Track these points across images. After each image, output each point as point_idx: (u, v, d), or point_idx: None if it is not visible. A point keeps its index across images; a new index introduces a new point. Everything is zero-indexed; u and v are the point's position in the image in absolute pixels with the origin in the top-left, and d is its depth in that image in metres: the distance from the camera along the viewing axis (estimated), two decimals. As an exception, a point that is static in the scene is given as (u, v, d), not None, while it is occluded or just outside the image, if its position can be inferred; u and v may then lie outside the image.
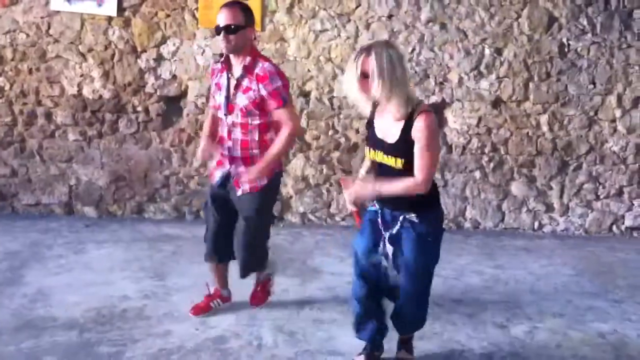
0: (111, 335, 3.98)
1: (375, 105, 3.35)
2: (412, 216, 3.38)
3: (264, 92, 3.87)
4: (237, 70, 3.96)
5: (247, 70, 3.91)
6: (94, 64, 6.22)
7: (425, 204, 3.39)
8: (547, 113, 6.51)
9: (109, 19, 6.16)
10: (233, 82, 3.97)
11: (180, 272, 5.07)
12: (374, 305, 3.66)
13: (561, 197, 6.65)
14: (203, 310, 4.34)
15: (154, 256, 5.39)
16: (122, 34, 6.20)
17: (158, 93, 6.31)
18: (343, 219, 6.50)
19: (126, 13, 6.17)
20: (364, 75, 3.17)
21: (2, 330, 3.97)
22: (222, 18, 3.85)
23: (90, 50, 6.21)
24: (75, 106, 6.27)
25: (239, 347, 3.93)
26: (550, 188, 6.64)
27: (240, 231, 4.12)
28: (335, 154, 6.47)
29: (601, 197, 6.66)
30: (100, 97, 6.27)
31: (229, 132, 4.02)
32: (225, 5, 3.91)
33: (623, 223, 6.71)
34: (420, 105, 3.25)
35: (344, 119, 6.43)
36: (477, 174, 6.57)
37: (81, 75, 6.24)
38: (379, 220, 3.49)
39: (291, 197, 6.53)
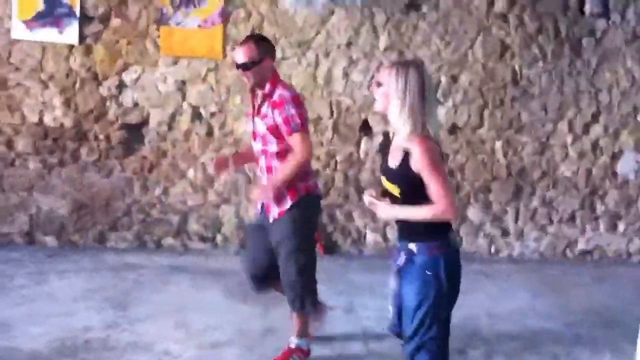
0: (76, 367, 4.01)
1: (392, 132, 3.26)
2: (412, 246, 3.09)
3: (278, 119, 3.93)
4: (259, 98, 4.08)
5: (266, 97, 4.01)
6: (56, 91, 6.22)
7: (427, 231, 3.07)
8: (501, 139, 6.70)
9: (70, 47, 6.18)
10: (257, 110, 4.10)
11: (144, 301, 5.08)
12: None
13: (516, 221, 6.84)
14: None
15: (117, 285, 5.39)
16: (83, 61, 6.22)
17: (120, 121, 6.33)
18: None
19: (87, 40, 6.19)
20: (378, 84, 3.15)
21: (-35, 364, 3.97)
22: (238, 56, 3.99)
23: (51, 77, 6.21)
24: (36, 134, 6.25)
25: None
26: (506, 213, 6.83)
27: (279, 259, 4.11)
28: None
29: (555, 221, 6.86)
30: (62, 125, 6.26)
31: (257, 159, 4.14)
32: (241, 42, 4.07)
33: (576, 247, 6.93)
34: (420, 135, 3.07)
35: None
36: (435, 199, 6.71)
37: (42, 103, 6.23)
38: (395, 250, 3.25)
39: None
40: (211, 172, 4.07)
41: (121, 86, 6.31)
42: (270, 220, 4.06)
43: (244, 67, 3.97)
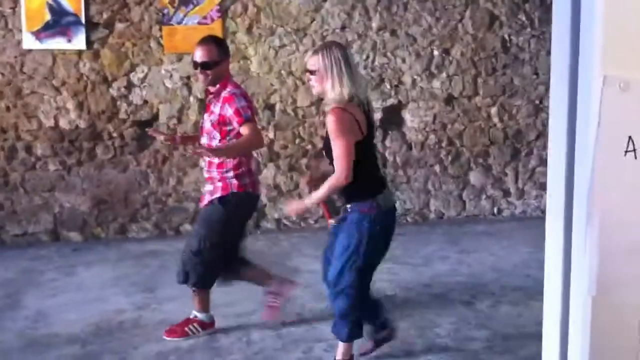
0: (112, 345, 4.28)
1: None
2: (348, 207, 3.61)
3: (229, 112, 4.12)
4: (210, 96, 4.33)
5: (215, 95, 4.24)
6: (68, 96, 6.53)
7: (357, 194, 3.56)
8: (496, 105, 6.98)
9: (79, 53, 6.48)
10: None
11: (169, 283, 5.22)
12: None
13: (516, 182, 7.12)
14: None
15: (142, 271, 5.69)
16: (92, 65, 6.52)
17: (131, 118, 6.63)
18: (316, 222, 6.88)
19: (95, 46, 6.49)
20: (310, 72, 3.55)
21: (10, 350, 4.24)
22: (198, 55, 4.18)
23: (63, 83, 6.51)
24: (53, 138, 6.56)
25: (230, 343, 4.28)
26: (506, 174, 7.11)
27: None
28: (304, 161, 6.85)
29: (553, 178, 7.12)
30: (77, 127, 6.57)
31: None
32: (200, 42, 4.25)
33: (575, 201, 7.18)
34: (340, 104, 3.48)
35: (308, 127, 6.82)
36: (437, 168, 7.01)
37: (57, 108, 6.53)
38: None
39: (265, 205, 6.89)
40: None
41: (130, 86, 6.60)
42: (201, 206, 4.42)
43: (205, 66, 4.16)
